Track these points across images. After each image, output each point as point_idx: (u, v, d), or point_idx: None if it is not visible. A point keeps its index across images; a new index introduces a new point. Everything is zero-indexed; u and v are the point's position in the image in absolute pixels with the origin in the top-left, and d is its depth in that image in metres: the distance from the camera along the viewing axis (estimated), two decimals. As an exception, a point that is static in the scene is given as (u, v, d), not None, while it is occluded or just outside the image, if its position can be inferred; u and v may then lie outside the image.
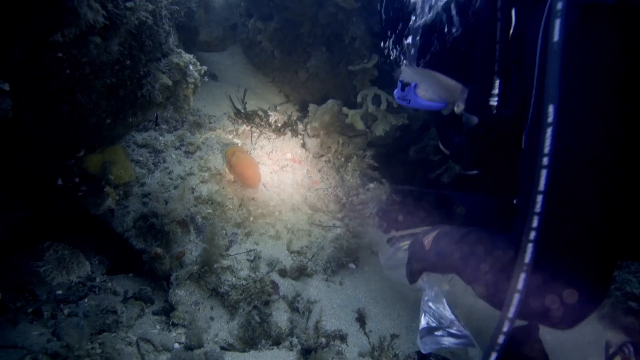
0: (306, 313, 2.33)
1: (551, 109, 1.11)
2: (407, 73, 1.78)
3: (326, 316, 2.36)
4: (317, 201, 3.05)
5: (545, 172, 1.11)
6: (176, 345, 2.07)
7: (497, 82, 1.46)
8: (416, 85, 1.77)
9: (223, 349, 2.12)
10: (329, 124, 3.38)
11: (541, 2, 1.24)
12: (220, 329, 2.21)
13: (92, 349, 1.71)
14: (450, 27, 1.53)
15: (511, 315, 1.12)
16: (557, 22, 1.13)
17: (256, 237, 2.65)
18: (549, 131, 1.11)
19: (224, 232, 2.58)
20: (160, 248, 2.39)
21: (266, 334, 2.19)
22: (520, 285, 1.12)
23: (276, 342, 2.18)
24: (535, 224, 1.12)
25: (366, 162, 3.29)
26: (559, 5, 1.13)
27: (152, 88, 2.11)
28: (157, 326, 2.20)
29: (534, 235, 1.12)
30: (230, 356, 2.03)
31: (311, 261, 2.64)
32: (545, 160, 1.11)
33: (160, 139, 2.95)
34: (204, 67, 2.37)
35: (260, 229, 2.70)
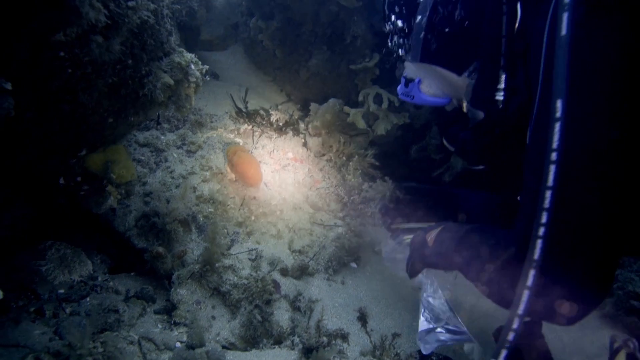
0: (307, 312, 2.33)
1: (559, 103, 1.10)
2: (411, 69, 1.77)
3: (327, 315, 2.36)
4: (319, 200, 3.05)
5: (554, 168, 1.10)
6: (178, 344, 2.08)
7: (503, 77, 1.45)
8: (420, 81, 1.76)
9: (225, 348, 2.12)
10: (330, 123, 3.38)
11: None
12: (222, 328, 2.21)
13: (94, 347, 1.71)
14: (455, 21, 1.52)
15: (521, 312, 1.12)
16: (565, 15, 1.11)
17: (258, 236, 2.65)
18: (558, 126, 1.10)
19: (225, 231, 2.58)
20: (161, 247, 2.40)
21: (268, 333, 2.20)
22: (530, 281, 1.10)
23: (278, 341, 2.18)
24: (544, 219, 1.10)
25: (367, 161, 3.29)
26: None
27: (153, 87, 2.11)
28: (159, 325, 2.21)
29: (543, 231, 1.10)
30: (231, 355, 2.04)
31: (312, 260, 2.64)
32: (554, 156, 1.10)
33: (162, 138, 2.95)
34: (206, 66, 2.37)
35: (262, 228, 2.70)
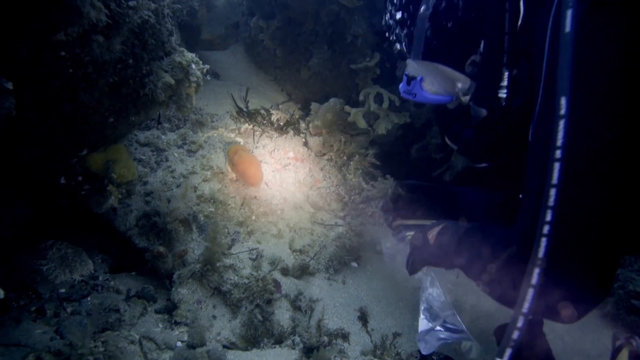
0: (308, 312, 2.33)
1: (564, 101, 1.09)
2: (413, 66, 1.77)
3: (328, 315, 2.36)
4: (320, 200, 3.05)
5: (558, 165, 1.09)
6: (179, 344, 2.08)
7: (506, 74, 1.44)
8: (422, 79, 1.75)
9: (225, 347, 2.12)
10: (331, 123, 3.38)
11: None
12: (223, 327, 2.21)
13: (95, 347, 1.71)
14: (457, 18, 1.52)
15: (525, 310, 1.11)
16: (569, 12, 1.11)
17: (258, 235, 2.65)
18: (562, 124, 1.09)
19: (226, 230, 2.58)
20: (162, 247, 2.40)
21: (268, 333, 2.20)
22: (535, 280, 1.10)
23: (278, 340, 2.18)
24: (549, 217, 1.10)
25: (368, 160, 3.29)
26: None
27: (154, 87, 2.11)
28: (160, 325, 2.21)
29: (547, 229, 1.10)
30: (232, 354, 2.04)
31: (313, 260, 2.64)
32: (559, 153, 1.09)
33: (163, 137, 2.95)
34: (206, 66, 2.37)
35: (263, 227, 2.70)
